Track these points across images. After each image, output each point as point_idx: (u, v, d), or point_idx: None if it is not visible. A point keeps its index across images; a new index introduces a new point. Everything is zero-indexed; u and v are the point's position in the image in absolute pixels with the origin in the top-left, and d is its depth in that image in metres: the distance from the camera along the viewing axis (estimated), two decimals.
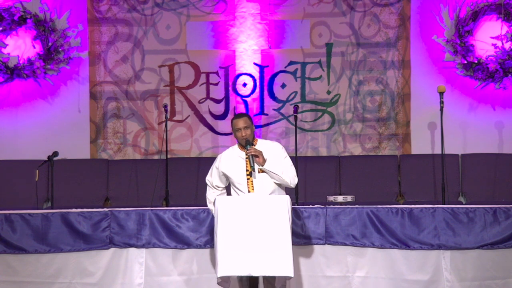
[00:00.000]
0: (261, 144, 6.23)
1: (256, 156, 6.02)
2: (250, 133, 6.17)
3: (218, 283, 5.79)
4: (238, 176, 6.12)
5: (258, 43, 9.76)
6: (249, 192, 6.05)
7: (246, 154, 6.09)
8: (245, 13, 9.77)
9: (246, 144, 6.10)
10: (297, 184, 6.23)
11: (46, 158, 8.14)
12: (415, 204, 7.03)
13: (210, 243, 6.74)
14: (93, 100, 9.85)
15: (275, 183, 6.11)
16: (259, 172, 6.07)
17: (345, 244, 6.80)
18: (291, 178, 6.12)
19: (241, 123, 6.16)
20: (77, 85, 9.86)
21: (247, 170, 6.10)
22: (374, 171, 9.40)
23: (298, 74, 9.79)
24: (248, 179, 6.07)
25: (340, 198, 7.54)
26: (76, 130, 9.79)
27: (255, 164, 6.01)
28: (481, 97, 9.64)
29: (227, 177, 6.24)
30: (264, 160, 6.04)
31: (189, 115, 9.84)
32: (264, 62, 9.77)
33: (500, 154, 9.47)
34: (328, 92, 9.78)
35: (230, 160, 6.21)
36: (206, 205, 6.95)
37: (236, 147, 6.31)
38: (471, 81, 9.62)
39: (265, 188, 6.07)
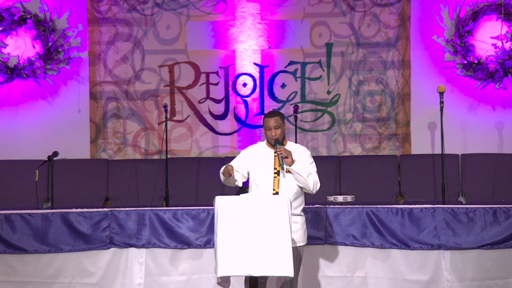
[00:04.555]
0: (289, 146, 6.18)
1: (286, 156, 5.99)
2: (280, 133, 6.08)
3: (218, 283, 5.78)
4: (264, 173, 6.07)
5: (258, 43, 9.76)
6: (273, 190, 6.03)
7: (275, 153, 6.06)
8: (245, 13, 9.78)
9: (275, 143, 6.06)
10: None
11: (46, 158, 8.14)
12: (415, 204, 7.03)
13: (210, 243, 6.74)
14: (93, 100, 9.85)
15: (298, 186, 6.09)
16: (286, 172, 6.05)
17: (345, 244, 6.80)
18: (314, 183, 6.09)
19: (272, 122, 6.06)
20: (77, 85, 9.87)
21: (275, 169, 6.07)
22: (374, 171, 9.40)
23: (298, 74, 9.79)
24: (275, 177, 6.05)
25: (340, 198, 7.54)
26: (76, 130, 9.80)
27: (284, 164, 5.98)
28: (481, 97, 9.64)
29: (249, 173, 6.17)
30: (293, 161, 6.01)
31: (189, 115, 9.85)
32: (264, 62, 9.77)
33: (500, 154, 9.47)
34: (328, 92, 9.78)
35: (257, 156, 6.15)
36: (206, 205, 6.95)
37: (263, 144, 6.24)
38: (471, 81, 9.62)
39: (290, 189, 6.05)
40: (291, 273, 5.54)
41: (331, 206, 6.98)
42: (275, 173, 6.06)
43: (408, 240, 6.77)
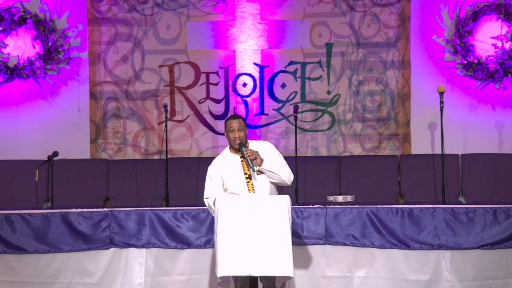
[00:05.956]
0: (252, 145, 6.17)
1: (254, 158, 5.97)
2: (243, 136, 6.07)
3: (218, 283, 5.79)
4: (237, 180, 6.05)
5: (258, 43, 9.76)
6: None
7: (242, 157, 6.04)
8: (245, 13, 9.78)
9: (240, 146, 6.04)
10: (297, 184, 6.25)
11: (46, 158, 8.14)
12: (415, 204, 7.03)
13: (210, 243, 6.74)
14: (93, 100, 9.85)
15: (271, 182, 6.09)
16: (257, 174, 6.04)
17: (345, 244, 6.80)
18: (287, 175, 6.09)
19: (235, 124, 6.05)
20: (77, 85, 9.87)
21: (245, 173, 6.06)
22: (374, 171, 9.39)
23: (298, 74, 9.79)
24: (248, 182, 6.04)
25: (340, 198, 7.54)
26: (76, 130, 9.80)
27: (254, 166, 5.96)
28: (481, 97, 9.64)
29: (223, 184, 6.15)
30: (262, 160, 6.00)
31: (189, 115, 9.85)
32: (264, 62, 9.77)
33: (500, 154, 9.47)
34: (328, 92, 9.78)
35: (225, 166, 6.13)
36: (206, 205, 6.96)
37: (226, 151, 6.22)
38: (471, 81, 9.62)
39: (264, 189, 6.05)
40: (291, 273, 5.55)
41: (331, 206, 6.97)
42: (246, 178, 6.04)
43: (408, 240, 6.77)
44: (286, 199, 5.69)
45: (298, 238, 6.71)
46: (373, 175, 9.37)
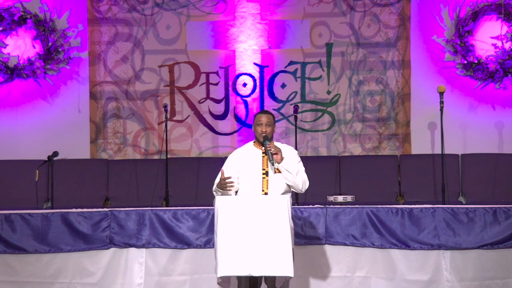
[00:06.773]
0: (277, 145, 6.16)
1: (275, 153, 5.98)
2: (270, 131, 6.09)
3: (218, 283, 5.78)
4: (253, 173, 6.06)
5: (258, 43, 9.76)
6: (262, 191, 6.02)
7: (264, 152, 6.05)
8: (245, 13, 9.78)
9: (264, 139, 6.05)
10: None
11: (46, 158, 8.14)
12: (415, 204, 7.03)
13: (210, 243, 6.74)
14: (93, 100, 9.85)
15: (287, 184, 6.08)
16: (275, 172, 6.04)
17: (345, 244, 6.80)
18: (302, 181, 6.08)
19: (264, 118, 6.09)
20: (77, 85, 9.87)
21: (263, 169, 6.07)
22: (374, 171, 9.39)
23: (298, 74, 9.79)
24: (264, 178, 6.05)
25: (340, 198, 7.54)
26: (76, 130, 9.79)
27: (273, 161, 5.96)
28: (481, 97, 9.64)
29: (238, 177, 6.16)
30: (282, 158, 6.01)
31: (189, 115, 9.85)
32: (264, 62, 9.77)
33: (500, 154, 9.47)
34: (328, 92, 9.78)
35: (245, 157, 6.14)
36: (206, 205, 6.95)
37: (250, 144, 6.23)
38: (471, 81, 9.62)
39: (278, 188, 6.05)
40: (291, 273, 5.55)
41: (331, 206, 6.97)
42: (263, 173, 6.04)
43: (408, 240, 6.77)
44: (286, 199, 5.69)
45: (298, 238, 6.71)
46: (373, 175, 9.37)
